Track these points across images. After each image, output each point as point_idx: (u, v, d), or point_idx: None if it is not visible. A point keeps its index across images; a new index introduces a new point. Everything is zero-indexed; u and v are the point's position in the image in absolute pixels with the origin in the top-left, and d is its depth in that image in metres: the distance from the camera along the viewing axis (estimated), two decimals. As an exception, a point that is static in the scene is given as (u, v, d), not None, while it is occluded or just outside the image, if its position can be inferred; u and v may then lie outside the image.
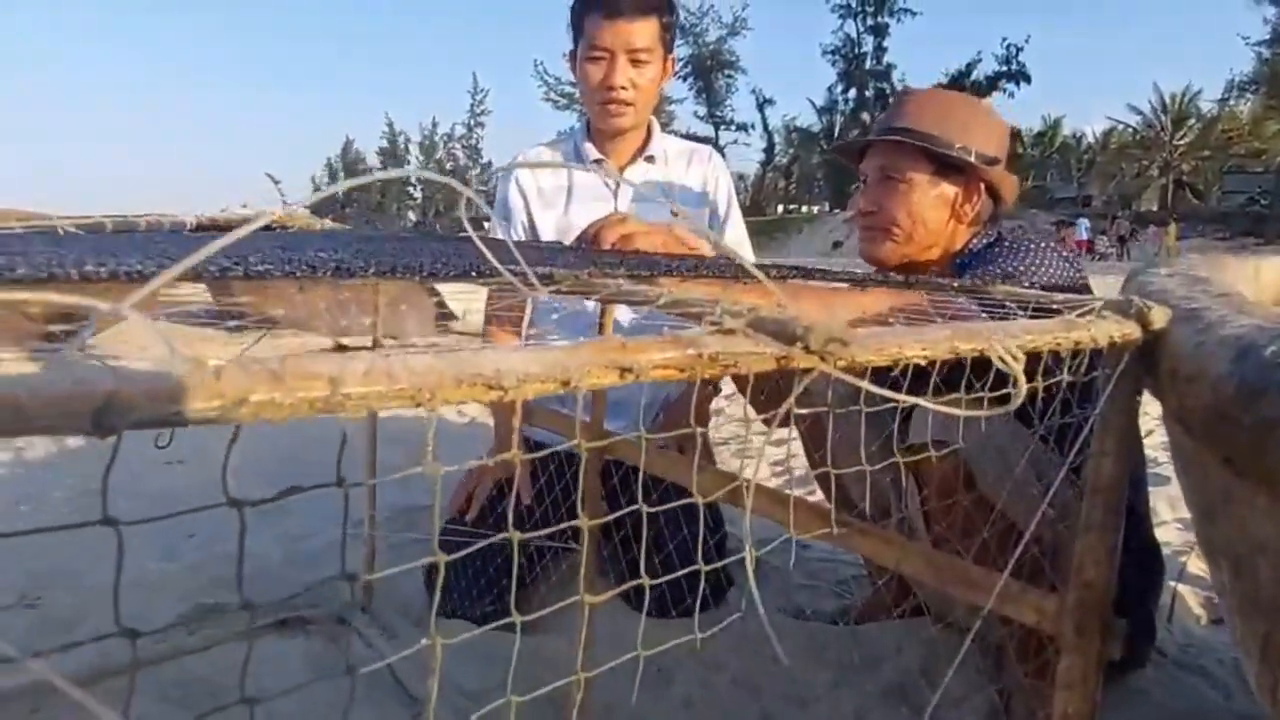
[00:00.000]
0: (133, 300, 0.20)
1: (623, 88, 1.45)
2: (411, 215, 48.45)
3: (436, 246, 0.79)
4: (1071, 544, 0.49)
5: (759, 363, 0.28)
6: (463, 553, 0.36)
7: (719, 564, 1.05)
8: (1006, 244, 1.13)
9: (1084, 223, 26.55)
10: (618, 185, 1.53)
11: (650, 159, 1.56)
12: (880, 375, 0.33)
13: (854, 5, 39.00)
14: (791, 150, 46.01)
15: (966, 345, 0.36)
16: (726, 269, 0.61)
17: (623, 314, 1.32)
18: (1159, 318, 0.47)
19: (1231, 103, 37.95)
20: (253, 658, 1.16)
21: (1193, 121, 38.05)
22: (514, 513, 0.58)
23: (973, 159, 1.13)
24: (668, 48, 1.50)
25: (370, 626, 1.27)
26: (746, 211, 1.73)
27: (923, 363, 0.35)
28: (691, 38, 39.76)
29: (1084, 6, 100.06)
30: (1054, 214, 35.37)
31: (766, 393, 0.81)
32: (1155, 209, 35.53)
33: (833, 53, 40.30)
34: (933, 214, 1.16)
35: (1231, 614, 0.53)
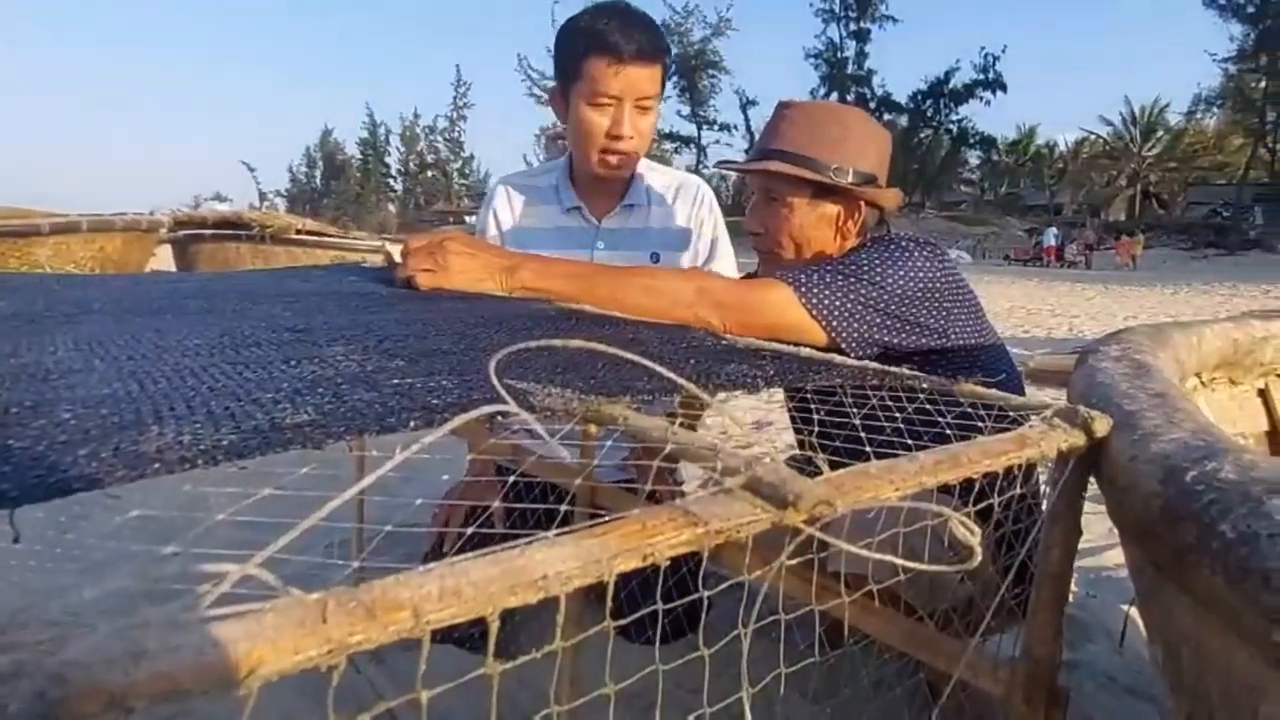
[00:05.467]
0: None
1: (630, 137, 1.37)
2: (391, 208, 48.03)
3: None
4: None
5: (756, 526, 0.33)
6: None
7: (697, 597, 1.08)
8: (869, 245, 1.11)
9: (1052, 230, 27.25)
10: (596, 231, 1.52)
11: (630, 207, 1.52)
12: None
13: (837, 10, 39.35)
14: (772, 152, 46.25)
15: (932, 480, 0.41)
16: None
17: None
18: (1101, 427, 0.53)
19: (1198, 116, 39.00)
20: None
21: (1161, 134, 39.02)
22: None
23: (849, 180, 1.12)
24: (664, 88, 1.46)
25: (360, 654, 1.29)
26: (728, 211, 1.71)
27: (894, 498, 0.40)
28: (676, 37, 39.69)
29: (1062, 19, 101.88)
30: (1026, 221, 36.06)
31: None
32: (1123, 218, 36.38)
33: (815, 56, 40.65)
34: (816, 233, 1.16)
35: (1162, 685, 0.59)
